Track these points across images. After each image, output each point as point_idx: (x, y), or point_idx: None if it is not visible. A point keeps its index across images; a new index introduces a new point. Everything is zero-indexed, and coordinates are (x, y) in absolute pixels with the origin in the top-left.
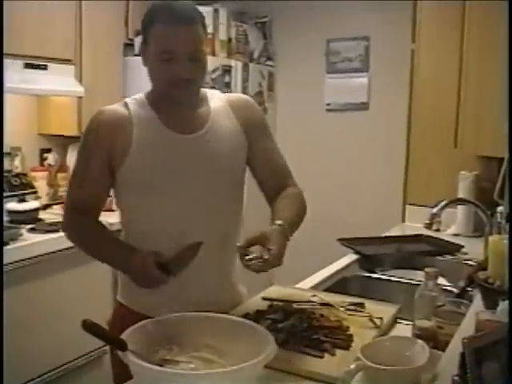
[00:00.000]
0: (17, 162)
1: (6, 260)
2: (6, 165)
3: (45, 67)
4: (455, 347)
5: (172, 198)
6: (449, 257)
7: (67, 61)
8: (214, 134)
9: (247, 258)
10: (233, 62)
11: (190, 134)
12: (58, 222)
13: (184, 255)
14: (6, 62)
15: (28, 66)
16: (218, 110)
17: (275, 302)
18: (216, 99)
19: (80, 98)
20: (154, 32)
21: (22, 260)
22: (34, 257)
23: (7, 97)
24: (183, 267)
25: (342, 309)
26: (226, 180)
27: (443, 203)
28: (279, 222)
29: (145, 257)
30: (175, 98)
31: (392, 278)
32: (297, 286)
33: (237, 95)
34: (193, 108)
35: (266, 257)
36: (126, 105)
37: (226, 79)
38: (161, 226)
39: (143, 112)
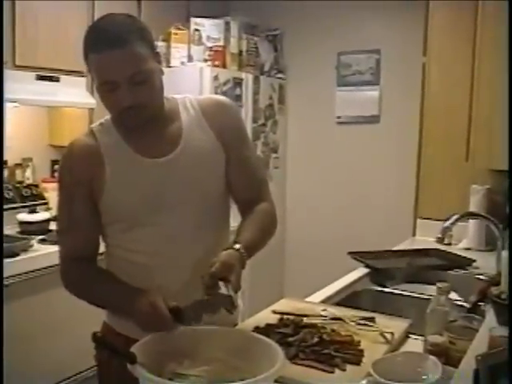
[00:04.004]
0: (28, 173)
1: (16, 271)
2: (18, 176)
3: (57, 79)
4: (468, 364)
5: (157, 227)
6: (460, 271)
7: (79, 73)
8: (189, 153)
9: (216, 292)
10: (244, 75)
11: (162, 157)
12: None
13: (202, 307)
14: (19, 73)
15: (40, 77)
16: (190, 124)
17: (285, 316)
18: (188, 109)
19: (91, 109)
20: (90, 63)
21: (33, 271)
22: (45, 268)
23: (19, 108)
24: (198, 320)
25: (352, 323)
26: (206, 203)
27: (455, 217)
28: (238, 246)
29: (154, 299)
30: (130, 126)
31: (403, 293)
32: (307, 299)
33: (210, 99)
34: (162, 127)
35: (236, 304)
36: (92, 134)
37: (237, 92)
38: (144, 258)
39: (111, 140)
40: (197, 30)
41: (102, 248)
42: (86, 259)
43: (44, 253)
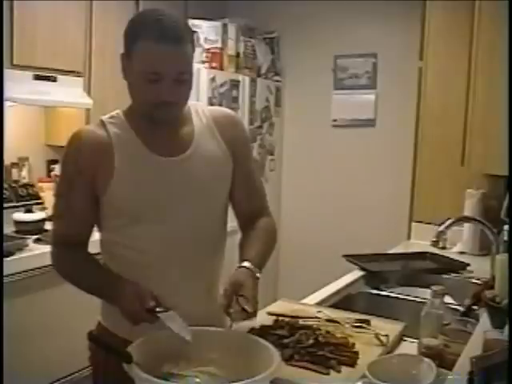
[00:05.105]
0: (24, 172)
1: (11, 270)
2: (14, 175)
3: (54, 79)
4: (462, 366)
5: (159, 226)
6: (454, 275)
7: (76, 73)
8: (199, 157)
9: (231, 311)
10: (240, 77)
11: (173, 156)
12: None
13: None
14: (16, 73)
15: (38, 77)
16: (202, 129)
17: (281, 318)
18: (200, 116)
19: (88, 109)
20: (141, 49)
21: (27, 271)
22: (40, 267)
23: (16, 108)
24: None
25: (347, 325)
26: (213, 205)
27: (450, 221)
28: (246, 264)
29: (133, 299)
30: (157, 119)
31: (398, 296)
32: (302, 301)
33: (221, 111)
34: (175, 128)
35: (250, 310)
36: (103, 125)
37: (234, 94)
38: (141, 257)
39: (123, 133)
40: (194, 31)
41: (97, 248)
42: (77, 245)
43: (39, 252)
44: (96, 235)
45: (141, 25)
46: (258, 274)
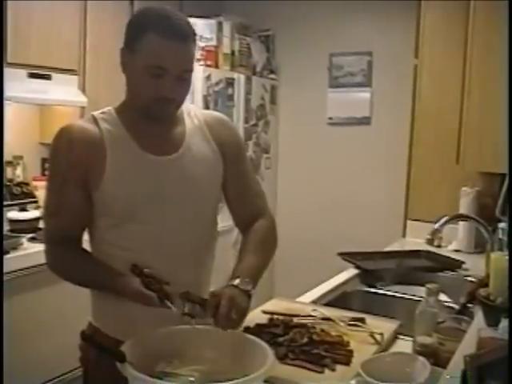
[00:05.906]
0: (18, 171)
1: (6, 269)
2: (8, 174)
3: (49, 77)
4: (456, 364)
5: (150, 225)
6: (449, 273)
7: (71, 71)
8: (191, 157)
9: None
10: (236, 75)
11: (164, 155)
12: None
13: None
14: (11, 71)
15: (32, 75)
16: (193, 130)
17: (275, 316)
18: (192, 117)
19: (83, 108)
20: (148, 43)
21: (22, 269)
22: (34, 266)
23: (10, 106)
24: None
25: (342, 324)
26: (200, 206)
27: (445, 219)
28: (237, 282)
29: (136, 288)
30: (153, 115)
31: (393, 294)
32: (297, 299)
33: (213, 114)
34: (168, 127)
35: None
36: (95, 121)
37: (229, 92)
38: (131, 256)
39: (115, 130)
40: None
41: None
42: (72, 240)
43: (34, 251)
44: (85, 236)
45: (149, 19)
46: (249, 287)
